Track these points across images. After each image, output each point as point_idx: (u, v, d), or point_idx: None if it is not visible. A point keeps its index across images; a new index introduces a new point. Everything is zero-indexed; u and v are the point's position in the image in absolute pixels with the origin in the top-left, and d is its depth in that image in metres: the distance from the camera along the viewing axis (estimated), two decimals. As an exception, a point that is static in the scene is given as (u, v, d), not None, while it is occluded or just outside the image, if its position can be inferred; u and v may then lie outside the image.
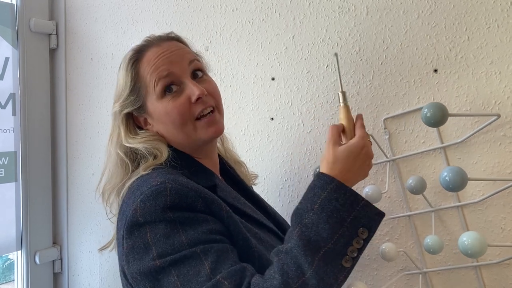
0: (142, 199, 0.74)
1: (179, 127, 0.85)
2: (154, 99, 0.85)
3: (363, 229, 0.68)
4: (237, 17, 1.37)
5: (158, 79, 0.84)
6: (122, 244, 0.76)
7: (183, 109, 0.84)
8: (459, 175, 0.93)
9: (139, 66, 0.86)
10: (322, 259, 0.66)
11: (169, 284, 0.70)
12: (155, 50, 0.86)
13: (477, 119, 1.06)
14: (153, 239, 0.72)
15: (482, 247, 0.93)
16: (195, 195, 0.75)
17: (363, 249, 0.69)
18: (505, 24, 1.03)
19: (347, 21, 1.20)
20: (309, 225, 0.69)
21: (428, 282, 1.14)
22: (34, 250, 1.74)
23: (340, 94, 0.84)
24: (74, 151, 1.77)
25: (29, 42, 1.69)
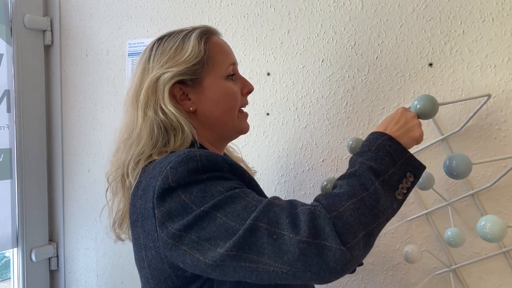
0: (172, 165, 0.73)
1: (230, 110, 0.90)
2: (217, 77, 0.89)
3: (410, 174, 0.77)
4: (232, 12, 1.36)
5: (231, 63, 0.92)
6: (153, 215, 0.73)
7: (238, 94, 0.92)
8: (462, 161, 0.93)
9: (209, 43, 0.90)
10: (381, 184, 0.74)
11: (218, 226, 0.69)
12: (220, 39, 0.94)
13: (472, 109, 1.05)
14: (190, 198, 0.71)
15: (502, 229, 0.90)
16: (222, 161, 0.77)
17: (411, 190, 0.78)
18: (500, 18, 1.03)
19: (342, 15, 1.20)
20: (369, 159, 0.77)
21: (460, 278, 1.12)
22: (30, 248, 1.74)
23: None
24: (70, 148, 1.76)
25: (24, 38, 1.68)
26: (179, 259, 0.72)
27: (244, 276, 0.68)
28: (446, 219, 1.12)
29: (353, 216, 0.68)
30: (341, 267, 0.64)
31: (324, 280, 0.65)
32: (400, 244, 1.18)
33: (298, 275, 0.65)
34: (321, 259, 0.64)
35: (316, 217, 0.67)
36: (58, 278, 1.83)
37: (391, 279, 1.20)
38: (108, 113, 1.65)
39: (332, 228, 0.66)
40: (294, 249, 0.64)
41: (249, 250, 0.66)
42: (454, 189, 1.11)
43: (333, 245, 0.64)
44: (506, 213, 1.06)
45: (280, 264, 0.65)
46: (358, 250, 0.66)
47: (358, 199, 0.71)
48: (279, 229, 0.67)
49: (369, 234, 0.69)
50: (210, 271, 0.69)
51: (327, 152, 1.25)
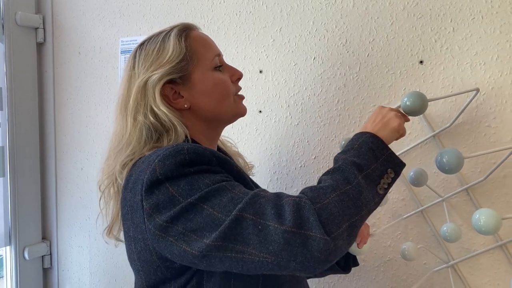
0: (160, 159, 0.74)
1: (224, 98, 0.91)
2: (205, 70, 0.90)
3: (390, 170, 0.79)
4: (224, 10, 1.36)
5: (216, 54, 0.93)
6: (141, 207, 0.75)
7: (229, 83, 0.93)
8: (454, 156, 0.93)
9: (189, 39, 0.90)
10: (364, 178, 0.75)
11: (205, 217, 0.70)
12: (200, 33, 0.96)
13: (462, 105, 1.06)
14: (177, 191, 0.72)
15: (497, 222, 0.89)
16: (210, 154, 0.78)
17: (391, 186, 0.80)
18: (489, 16, 1.03)
19: (333, 13, 1.20)
20: (352, 155, 0.79)
21: (459, 273, 1.13)
22: (23, 246, 1.73)
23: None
24: (63, 146, 1.76)
25: (16, 36, 1.67)
26: (167, 251, 0.72)
27: (230, 267, 0.69)
28: (440, 215, 1.13)
29: (337, 207, 0.69)
30: (325, 257, 0.65)
31: (309, 270, 0.66)
32: (391, 241, 1.19)
33: (283, 264, 0.65)
34: (305, 249, 0.65)
35: (301, 208, 0.68)
36: (52, 276, 1.83)
37: (382, 276, 1.21)
38: (101, 110, 1.65)
39: (316, 219, 0.67)
40: (279, 239, 0.65)
41: (234, 241, 0.67)
42: (445, 185, 1.12)
43: (317, 235, 0.65)
44: (499, 205, 1.07)
45: (265, 254, 0.66)
46: (342, 241, 0.68)
47: (342, 191, 0.72)
48: (265, 219, 0.68)
49: (352, 225, 0.70)
50: (197, 262, 0.70)
51: (319, 149, 1.26)
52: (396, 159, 0.81)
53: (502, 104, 1.03)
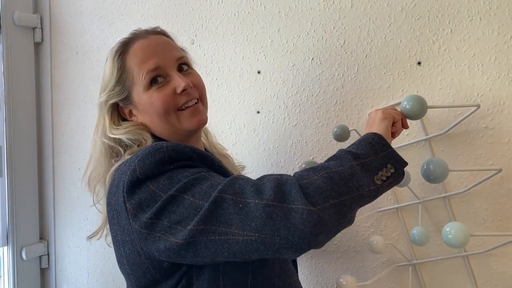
0: (139, 158, 0.75)
1: (163, 117, 0.87)
2: (140, 90, 0.87)
3: (390, 166, 0.77)
4: (223, 10, 1.36)
5: (146, 72, 0.86)
6: (125, 209, 0.75)
7: (167, 99, 0.86)
8: (440, 166, 0.95)
9: (126, 58, 0.88)
10: (359, 165, 0.74)
11: (186, 207, 0.69)
12: (142, 42, 0.88)
13: (460, 111, 1.07)
14: (158, 187, 0.72)
15: (465, 237, 0.94)
16: (190, 151, 0.78)
17: (391, 180, 0.77)
18: (487, 17, 1.03)
19: (332, 13, 1.20)
20: (351, 147, 0.80)
21: (418, 273, 1.16)
22: (21, 246, 1.73)
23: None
24: (60, 146, 1.76)
25: (13, 36, 1.67)
26: (154, 248, 0.72)
27: (216, 252, 0.68)
28: (415, 217, 1.14)
29: (325, 183, 0.68)
30: (310, 229, 0.63)
31: (295, 247, 0.64)
32: (363, 232, 1.22)
33: (267, 241, 0.64)
34: (288, 222, 0.63)
35: (282, 183, 0.68)
36: (49, 276, 1.83)
37: (347, 266, 1.25)
38: (99, 111, 1.64)
39: (298, 191, 0.66)
40: (260, 214, 0.64)
41: (216, 222, 0.67)
42: (428, 189, 1.13)
43: (299, 206, 0.64)
44: (472, 220, 1.08)
45: (248, 231, 0.65)
46: (329, 215, 0.66)
47: (333, 171, 0.71)
48: (245, 198, 0.67)
49: (341, 204, 0.68)
50: (183, 252, 0.69)
51: (317, 150, 1.26)
52: (398, 157, 0.79)
53: (500, 106, 1.04)
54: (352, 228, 1.23)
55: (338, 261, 1.25)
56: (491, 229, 1.07)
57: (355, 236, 1.23)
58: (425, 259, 1.14)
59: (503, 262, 1.06)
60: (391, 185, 0.79)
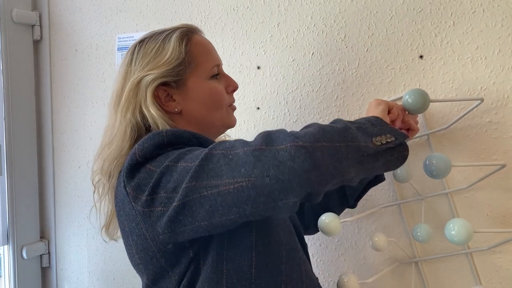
0: (139, 143, 0.76)
1: (216, 108, 0.91)
2: (201, 78, 0.89)
3: (390, 135, 0.77)
4: (222, 5, 1.35)
5: (215, 64, 0.91)
6: (126, 193, 0.75)
7: (224, 93, 0.93)
8: (442, 162, 0.93)
9: (190, 45, 0.89)
10: (356, 128, 0.74)
11: (179, 172, 0.69)
12: (202, 37, 0.94)
13: (463, 105, 1.05)
14: (154, 165, 0.73)
15: (469, 234, 0.92)
16: (189, 135, 0.79)
17: (391, 145, 0.76)
18: (490, 9, 1.01)
19: (332, 7, 1.19)
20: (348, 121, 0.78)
21: (421, 270, 1.14)
22: (21, 245, 1.72)
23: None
24: (60, 144, 1.75)
25: (12, 33, 1.66)
26: (158, 224, 0.71)
27: (211, 210, 0.66)
28: (418, 213, 1.12)
29: (317, 130, 0.67)
30: (300, 165, 0.61)
31: (288, 188, 0.62)
32: (365, 229, 1.21)
33: (257, 184, 0.62)
34: (276, 161, 0.62)
35: (272, 132, 0.67)
36: (50, 275, 1.82)
37: (349, 263, 1.23)
38: (98, 108, 1.63)
39: (287, 134, 0.65)
40: (249, 159, 0.63)
41: (207, 177, 0.66)
42: (429, 184, 1.11)
43: (288, 144, 0.62)
44: (476, 217, 1.06)
45: (239, 178, 0.63)
46: (321, 154, 0.64)
47: (327, 125, 0.71)
48: (234, 149, 0.67)
49: (335, 148, 0.67)
50: (181, 217, 0.68)
51: (318, 146, 1.24)
52: (397, 131, 0.79)
53: (504, 99, 1.01)
54: (353, 225, 1.21)
55: (339, 259, 1.23)
56: (495, 225, 1.04)
57: (357, 233, 1.21)
58: (427, 257, 1.13)
59: (508, 259, 1.04)
60: (395, 153, 0.77)
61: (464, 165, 1.05)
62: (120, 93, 0.89)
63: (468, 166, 1.05)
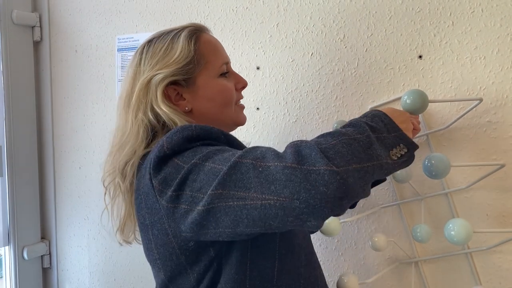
0: (167, 136, 0.75)
1: (225, 106, 0.91)
2: (210, 76, 0.89)
3: (403, 145, 0.76)
4: (221, 6, 1.35)
5: (224, 62, 0.92)
6: (152, 186, 0.74)
7: (233, 91, 0.93)
8: (442, 162, 0.93)
9: (199, 43, 0.89)
10: (376, 138, 0.73)
11: (207, 173, 0.68)
12: (210, 36, 0.94)
13: (462, 105, 1.05)
14: (182, 160, 0.72)
15: (468, 234, 0.93)
16: (218, 131, 0.77)
17: (405, 159, 0.76)
18: (489, 9, 1.01)
19: (331, 7, 1.19)
20: (365, 120, 0.77)
21: (421, 270, 1.14)
22: (22, 246, 1.72)
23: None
24: (61, 145, 1.75)
25: (12, 34, 1.66)
26: (181, 222, 0.71)
27: (236, 220, 0.65)
28: (417, 213, 1.13)
29: (345, 148, 0.65)
30: (333, 192, 0.59)
31: (316, 212, 0.60)
32: (365, 229, 1.21)
33: (286, 205, 0.61)
34: (308, 184, 0.60)
35: (302, 147, 0.65)
36: (51, 276, 1.83)
37: (349, 263, 1.22)
38: (99, 109, 1.63)
39: (319, 153, 0.63)
40: (280, 176, 0.61)
41: (235, 187, 0.64)
42: (428, 184, 1.11)
43: (321, 167, 0.61)
44: (476, 216, 1.06)
45: (267, 195, 0.62)
46: (353, 179, 0.62)
47: (352, 137, 0.69)
48: (265, 162, 0.65)
49: (364, 170, 0.65)
50: (205, 222, 0.67)
51: (318, 147, 1.24)
52: (409, 139, 0.78)
53: (503, 99, 1.01)
54: (353, 225, 1.21)
55: (340, 259, 1.23)
56: (495, 225, 1.04)
57: (357, 233, 1.21)
58: (427, 257, 1.13)
59: (508, 259, 1.04)
60: (403, 166, 0.77)
61: (463, 165, 1.05)
62: (130, 93, 0.88)
63: (467, 166, 1.05)
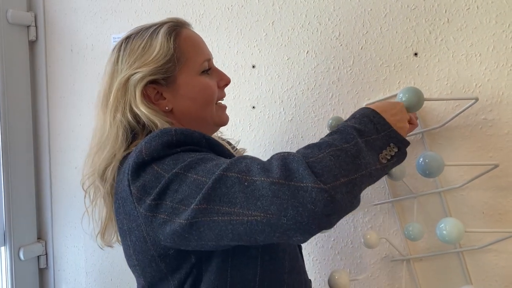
0: (146, 141, 0.72)
1: (207, 105, 0.88)
2: (191, 74, 0.86)
3: (393, 145, 0.76)
4: (216, 4, 1.34)
5: (205, 59, 0.88)
6: (130, 193, 0.72)
7: (215, 89, 0.89)
8: (435, 161, 0.93)
9: (178, 40, 0.86)
10: (364, 142, 0.71)
11: (189, 184, 0.66)
12: (191, 32, 0.90)
13: (458, 103, 1.04)
14: (162, 168, 0.69)
15: (460, 233, 0.92)
16: (199, 135, 0.75)
17: (395, 159, 0.76)
18: (485, 5, 1.01)
19: (326, 5, 1.18)
20: (353, 122, 0.76)
21: (412, 268, 1.13)
22: (18, 246, 1.72)
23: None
24: (57, 145, 1.74)
25: (7, 34, 1.66)
26: (160, 231, 0.69)
27: (220, 234, 0.64)
28: (410, 211, 1.12)
29: (333, 161, 0.64)
30: (321, 210, 0.58)
31: (304, 229, 0.59)
32: (361, 228, 1.20)
33: (273, 222, 0.60)
34: (296, 201, 0.59)
35: (289, 161, 0.64)
36: (47, 276, 1.82)
37: (345, 262, 1.23)
38: (94, 108, 1.63)
39: (306, 168, 0.61)
40: (266, 192, 0.60)
41: (220, 202, 0.63)
42: (422, 182, 1.10)
43: (308, 184, 0.59)
44: (471, 215, 1.06)
45: (254, 211, 0.61)
46: (341, 194, 0.61)
47: (339, 148, 0.67)
48: (251, 175, 0.63)
49: (352, 183, 0.64)
50: (187, 235, 0.66)
51: (313, 145, 1.23)
52: (399, 136, 0.76)
53: (499, 96, 1.01)
54: (349, 224, 1.20)
55: (335, 258, 1.23)
56: (490, 224, 1.04)
57: (352, 232, 1.21)
58: (419, 255, 1.12)
59: (499, 258, 1.04)
60: (395, 165, 0.76)
61: (457, 164, 1.04)
62: (108, 92, 0.85)
63: (460, 165, 1.05)
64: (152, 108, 0.83)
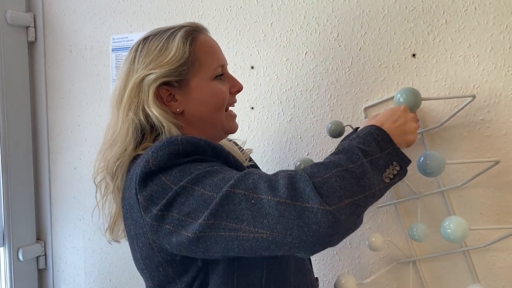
0: (153, 150, 0.74)
1: (217, 109, 0.88)
2: (204, 78, 0.87)
3: (396, 163, 0.77)
4: (215, 5, 1.34)
5: (220, 65, 0.89)
6: (137, 201, 0.73)
7: (227, 95, 0.90)
8: (436, 160, 0.93)
9: (194, 44, 0.87)
10: (368, 162, 0.73)
11: (196, 198, 0.68)
12: (208, 37, 0.92)
13: (456, 103, 1.04)
14: (169, 179, 0.71)
15: (464, 231, 0.92)
16: (205, 144, 0.76)
17: (397, 178, 0.77)
18: (482, 7, 1.01)
19: (325, 6, 1.18)
20: (358, 142, 0.77)
21: (419, 269, 1.13)
22: (17, 247, 1.72)
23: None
24: (56, 145, 1.74)
25: (6, 35, 1.65)
26: (166, 241, 0.71)
27: (226, 248, 0.66)
28: (414, 212, 1.12)
29: (338, 182, 0.66)
30: (325, 230, 0.61)
31: (308, 247, 0.62)
32: (366, 229, 1.20)
33: (278, 240, 0.62)
34: (301, 221, 0.61)
35: (296, 181, 0.66)
36: (47, 277, 1.82)
37: (343, 263, 1.22)
38: (93, 109, 1.63)
39: (312, 189, 0.63)
40: (273, 211, 0.63)
41: (227, 218, 0.65)
42: (424, 183, 1.11)
43: (314, 205, 0.62)
44: (471, 214, 1.06)
45: (260, 229, 0.63)
46: (344, 216, 0.63)
47: (344, 169, 0.69)
48: (257, 193, 0.65)
49: (355, 204, 0.66)
50: (194, 247, 0.68)
51: (312, 146, 1.24)
52: (402, 154, 0.78)
53: (496, 97, 1.01)
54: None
55: (334, 258, 1.23)
56: (489, 223, 1.04)
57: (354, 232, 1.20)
58: (425, 255, 1.12)
59: (503, 256, 1.04)
60: (396, 183, 0.78)
61: (458, 162, 1.05)
62: (123, 91, 0.87)
63: (462, 163, 1.05)
64: (163, 109, 0.85)
